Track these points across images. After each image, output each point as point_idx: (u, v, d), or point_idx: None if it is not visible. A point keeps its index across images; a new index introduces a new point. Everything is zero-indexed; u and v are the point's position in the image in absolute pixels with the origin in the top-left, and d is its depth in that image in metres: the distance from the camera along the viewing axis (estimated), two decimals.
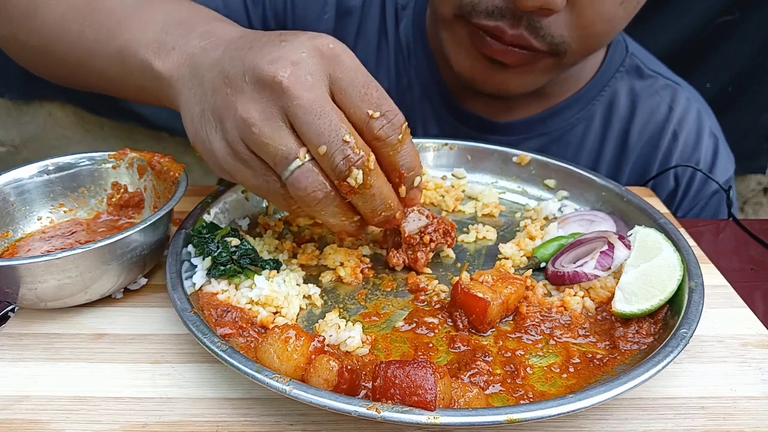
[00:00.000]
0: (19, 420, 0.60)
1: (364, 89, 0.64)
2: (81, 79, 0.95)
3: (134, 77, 0.82)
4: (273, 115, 0.64)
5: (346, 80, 0.64)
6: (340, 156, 0.63)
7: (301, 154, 0.64)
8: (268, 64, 0.63)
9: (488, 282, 0.73)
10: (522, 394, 0.62)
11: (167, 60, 0.76)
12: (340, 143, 0.63)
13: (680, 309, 0.68)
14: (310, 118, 0.63)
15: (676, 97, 1.22)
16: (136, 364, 0.67)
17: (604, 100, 1.21)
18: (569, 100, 1.20)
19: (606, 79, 1.20)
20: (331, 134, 0.63)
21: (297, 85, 0.62)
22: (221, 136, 0.68)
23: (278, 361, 0.59)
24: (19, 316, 0.74)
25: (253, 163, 0.67)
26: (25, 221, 0.82)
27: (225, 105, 0.66)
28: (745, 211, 2.14)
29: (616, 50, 1.22)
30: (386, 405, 0.54)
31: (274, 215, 0.94)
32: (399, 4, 1.21)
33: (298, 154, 0.64)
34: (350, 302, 0.77)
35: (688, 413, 0.62)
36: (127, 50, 0.81)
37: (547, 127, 1.21)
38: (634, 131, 1.21)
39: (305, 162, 0.64)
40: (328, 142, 0.63)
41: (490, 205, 0.98)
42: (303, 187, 0.65)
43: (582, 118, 1.21)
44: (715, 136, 1.24)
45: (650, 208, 0.87)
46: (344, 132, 0.63)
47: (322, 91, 0.63)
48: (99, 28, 0.85)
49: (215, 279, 0.74)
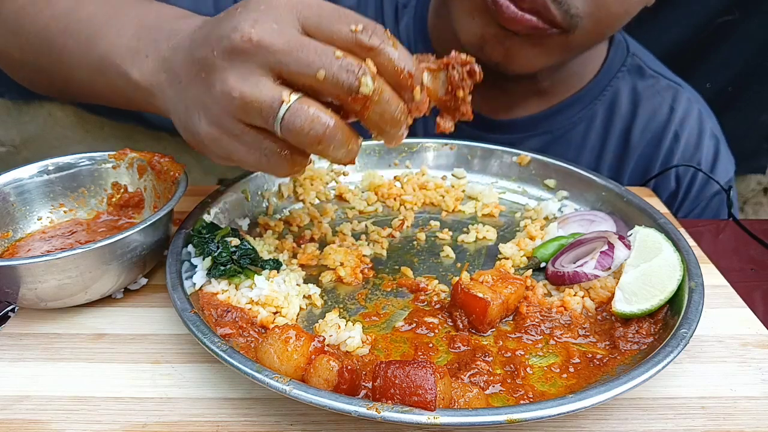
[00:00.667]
0: (19, 420, 0.60)
1: (336, 14, 0.62)
2: (74, 92, 0.94)
3: (118, 88, 0.81)
4: (251, 73, 0.61)
5: (315, 14, 0.62)
6: (342, 72, 0.60)
7: (285, 95, 0.61)
8: (232, 31, 0.61)
9: (488, 282, 0.73)
10: (522, 394, 0.62)
11: (143, 69, 0.75)
12: (335, 61, 0.60)
13: (680, 309, 0.68)
14: (294, 56, 0.60)
15: (678, 97, 1.22)
16: (136, 364, 0.67)
17: (605, 100, 1.21)
18: (571, 99, 1.20)
19: (608, 78, 1.20)
20: (322, 58, 0.60)
21: (266, 35, 0.60)
22: (207, 121, 0.66)
23: (278, 362, 0.59)
24: (19, 316, 0.74)
25: (245, 135, 0.65)
26: (25, 221, 0.82)
27: (204, 88, 0.65)
28: (745, 211, 2.13)
29: (617, 50, 1.22)
30: (386, 405, 0.54)
31: (274, 215, 0.94)
32: (399, 3, 1.20)
33: (282, 97, 0.61)
34: (350, 302, 0.77)
35: (688, 413, 0.62)
36: (106, 61, 0.80)
37: (548, 126, 1.21)
38: (636, 131, 1.21)
39: (292, 102, 0.61)
40: (323, 65, 0.60)
41: (490, 205, 0.98)
42: (299, 127, 0.61)
43: (584, 117, 1.21)
44: (716, 137, 1.24)
45: (650, 208, 0.87)
46: (333, 50, 0.60)
47: (295, 31, 0.61)
48: (79, 39, 0.84)
49: (215, 279, 0.73)
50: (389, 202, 0.99)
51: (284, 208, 0.96)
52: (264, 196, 0.95)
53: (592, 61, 1.20)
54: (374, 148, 1.07)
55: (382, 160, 1.08)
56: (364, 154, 1.07)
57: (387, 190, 1.00)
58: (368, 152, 1.07)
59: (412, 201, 0.99)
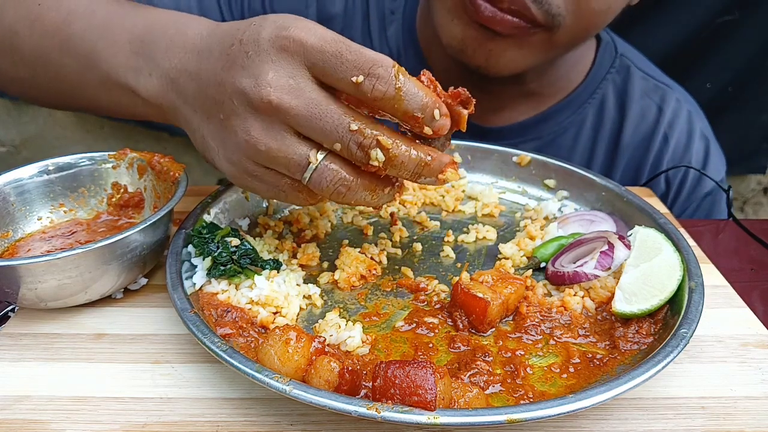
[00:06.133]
0: (19, 420, 0.60)
1: (337, 60, 0.62)
2: (78, 106, 0.95)
3: (124, 105, 0.82)
4: (275, 129, 0.64)
5: (320, 60, 0.63)
6: (354, 147, 0.64)
7: (312, 156, 0.65)
8: (252, 88, 0.63)
9: (488, 282, 0.73)
10: (522, 394, 0.62)
11: (148, 87, 0.77)
12: (349, 135, 0.63)
13: (680, 309, 0.68)
14: (312, 124, 0.63)
15: (666, 98, 1.21)
16: (136, 364, 0.67)
17: (595, 103, 1.20)
18: (561, 104, 1.20)
19: (597, 81, 1.20)
20: (338, 130, 0.63)
21: (285, 97, 0.63)
22: (226, 159, 0.70)
23: (279, 363, 0.59)
24: (19, 316, 0.74)
25: (266, 176, 0.69)
26: (25, 221, 0.82)
27: (223, 130, 0.68)
28: (745, 211, 2.13)
29: (605, 52, 1.21)
30: (386, 405, 0.54)
31: (274, 215, 0.94)
32: (387, 9, 1.19)
33: (309, 158, 0.65)
34: (350, 302, 0.77)
35: (688, 413, 0.62)
36: (109, 81, 0.81)
37: (538, 132, 1.21)
38: (626, 134, 1.20)
39: (319, 162, 0.65)
40: (338, 139, 0.64)
41: (490, 205, 0.98)
42: (325, 187, 0.66)
43: (573, 122, 1.20)
44: (706, 138, 1.24)
45: (650, 208, 0.87)
46: (348, 122, 0.63)
47: (310, 89, 0.63)
48: (77, 58, 0.84)
49: (215, 279, 0.73)
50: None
51: (284, 208, 0.96)
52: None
53: (580, 62, 1.19)
54: None
55: None
56: None
57: None
58: None
59: (412, 201, 0.99)
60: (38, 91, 0.95)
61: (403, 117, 0.65)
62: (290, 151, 0.65)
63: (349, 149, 0.64)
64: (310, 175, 0.66)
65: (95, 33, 0.82)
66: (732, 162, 1.41)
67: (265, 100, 0.63)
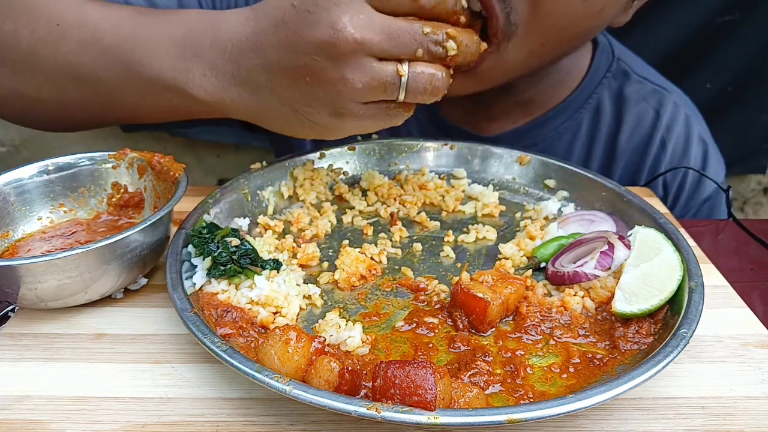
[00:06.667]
0: (19, 420, 0.60)
1: None
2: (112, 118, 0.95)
3: (176, 106, 0.85)
4: (362, 64, 0.71)
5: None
6: (433, 46, 0.73)
7: (402, 70, 0.73)
8: (333, 36, 0.69)
9: (488, 282, 0.73)
10: (522, 394, 0.62)
11: (205, 86, 0.79)
12: (425, 38, 0.72)
13: (680, 309, 0.68)
14: (394, 43, 0.71)
15: (664, 102, 1.19)
16: (136, 364, 0.67)
17: (590, 108, 1.19)
18: (556, 109, 1.18)
19: (593, 85, 1.18)
20: (416, 38, 0.71)
21: (365, 31, 0.69)
22: (332, 114, 0.76)
23: (279, 363, 0.59)
24: (19, 316, 0.74)
25: (370, 111, 0.76)
26: (25, 221, 0.82)
27: (316, 89, 0.74)
28: (745, 211, 2.13)
29: (602, 55, 1.19)
30: (386, 405, 0.54)
31: (274, 215, 0.94)
32: None
33: (400, 72, 0.73)
34: (350, 302, 0.77)
35: (688, 413, 0.62)
36: (157, 85, 0.83)
37: (533, 138, 1.20)
38: (622, 138, 1.18)
39: (408, 73, 0.73)
40: (419, 45, 0.72)
41: (490, 205, 0.98)
42: (422, 89, 0.74)
43: (569, 127, 1.19)
44: (704, 141, 1.22)
45: (650, 208, 0.87)
46: (419, 28, 0.72)
47: (377, 17, 0.70)
48: (114, 70, 0.85)
49: (215, 279, 0.74)
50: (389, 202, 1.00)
51: (284, 208, 0.96)
52: (264, 196, 0.95)
53: (575, 68, 1.18)
54: (374, 148, 1.07)
55: (382, 160, 1.08)
56: (363, 154, 1.07)
57: (387, 190, 1.00)
58: (368, 152, 1.07)
59: (412, 201, 0.99)
60: (65, 111, 0.94)
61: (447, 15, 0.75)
62: (382, 75, 0.72)
63: (429, 50, 0.73)
64: (405, 86, 0.73)
65: (129, 44, 0.83)
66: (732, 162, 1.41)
67: (350, 40, 0.69)
